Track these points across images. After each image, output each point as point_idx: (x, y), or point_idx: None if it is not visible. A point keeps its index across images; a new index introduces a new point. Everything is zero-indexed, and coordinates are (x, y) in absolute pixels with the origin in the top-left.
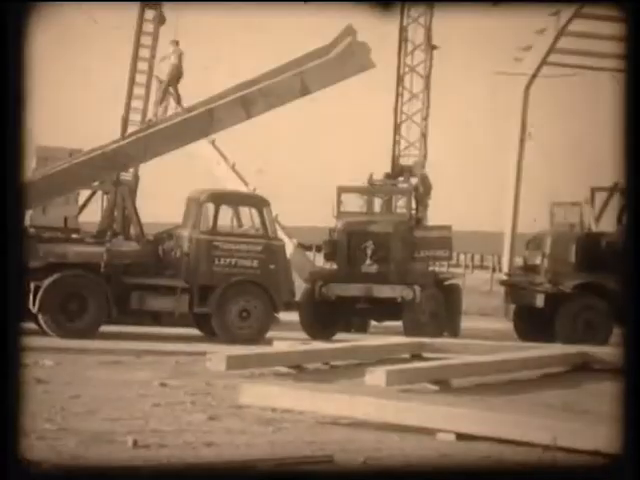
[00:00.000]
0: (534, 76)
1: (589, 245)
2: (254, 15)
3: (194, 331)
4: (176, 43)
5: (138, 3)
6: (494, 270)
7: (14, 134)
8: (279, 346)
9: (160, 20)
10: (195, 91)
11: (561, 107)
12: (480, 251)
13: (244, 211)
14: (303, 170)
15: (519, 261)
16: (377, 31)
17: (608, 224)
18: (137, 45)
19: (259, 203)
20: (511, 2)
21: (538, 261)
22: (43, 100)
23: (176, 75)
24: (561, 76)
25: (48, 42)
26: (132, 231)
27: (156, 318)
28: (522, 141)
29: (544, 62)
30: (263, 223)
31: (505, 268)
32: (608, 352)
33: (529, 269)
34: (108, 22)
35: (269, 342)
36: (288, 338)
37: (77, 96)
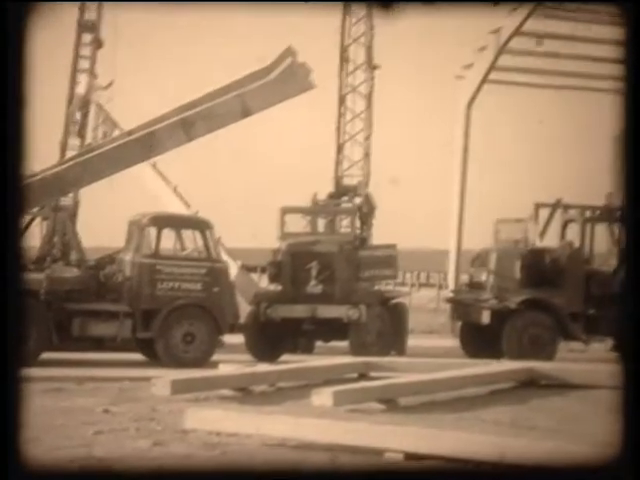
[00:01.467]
0: (476, 92)
1: (533, 261)
2: (248, 14)
3: (138, 356)
4: (93, 75)
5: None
6: (440, 288)
7: (14, 134)
8: (224, 369)
9: (97, 44)
10: None
11: (505, 123)
12: (426, 269)
13: (187, 234)
14: (246, 191)
15: (465, 278)
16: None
17: (552, 240)
18: (74, 69)
19: (202, 225)
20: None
21: (483, 278)
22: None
23: (80, 105)
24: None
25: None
26: (73, 256)
27: (99, 344)
28: (465, 157)
29: (485, 80)
30: (206, 245)
31: (451, 285)
32: (554, 367)
33: (475, 286)
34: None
35: (214, 365)
36: (233, 361)
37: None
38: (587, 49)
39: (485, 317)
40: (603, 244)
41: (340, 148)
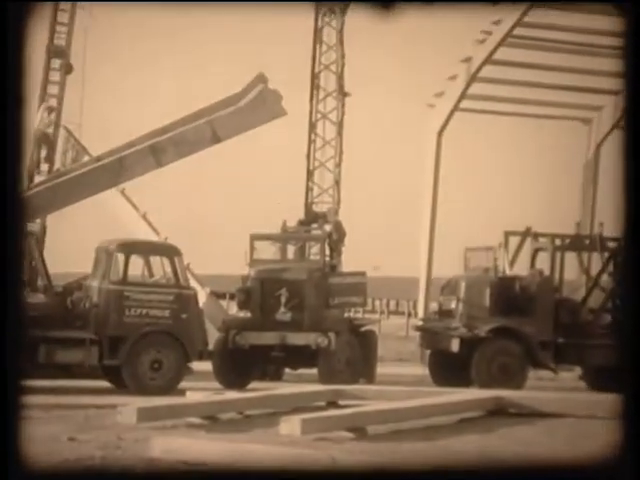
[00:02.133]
0: (447, 120)
1: (503, 289)
2: (249, 14)
3: (105, 384)
4: (49, 110)
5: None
6: (409, 315)
7: (14, 134)
8: (192, 397)
9: (67, 69)
10: None
11: (476, 151)
12: (395, 297)
13: (155, 260)
14: (216, 218)
15: (434, 306)
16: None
17: (522, 268)
18: (43, 94)
19: (170, 252)
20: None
21: (453, 306)
22: None
23: (40, 138)
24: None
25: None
26: (39, 282)
27: (65, 371)
28: (436, 184)
29: (456, 108)
30: (175, 272)
31: (420, 313)
32: (523, 396)
33: (444, 314)
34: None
35: (182, 393)
36: (201, 388)
37: None
38: (558, 78)
39: (454, 345)
40: (573, 272)
41: (310, 175)
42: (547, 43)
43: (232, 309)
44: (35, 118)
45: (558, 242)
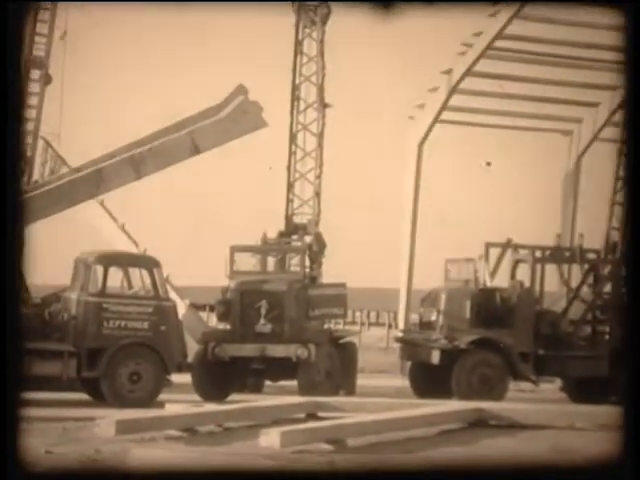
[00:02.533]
0: (427, 132)
1: (484, 301)
2: (248, 14)
3: (83, 396)
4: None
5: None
6: (390, 327)
7: (14, 134)
8: (171, 409)
9: (46, 80)
10: None
11: (457, 163)
12: (376, 308)
13: (134, 272)
14: (196, 229)
15: (415, 318)
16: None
17: (502, 279)
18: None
19: (149, 264)
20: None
21: (433, 317)
22: None
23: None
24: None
25: None
26: None
27: (44, 383)
28: (416, 196)
29: (437, 120)
30: (154, 284)
31: (401, 325)
32: (504, 407)
33: (425, 325)
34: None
35: (161, 405)
36: (180, 401)
37: None
38: (538, 90)
39: (435, 357)
40: (553, 284)
41: (290, 186)
42: (527, 55)
43: (212, 321)
44: None
45: (538, 254)
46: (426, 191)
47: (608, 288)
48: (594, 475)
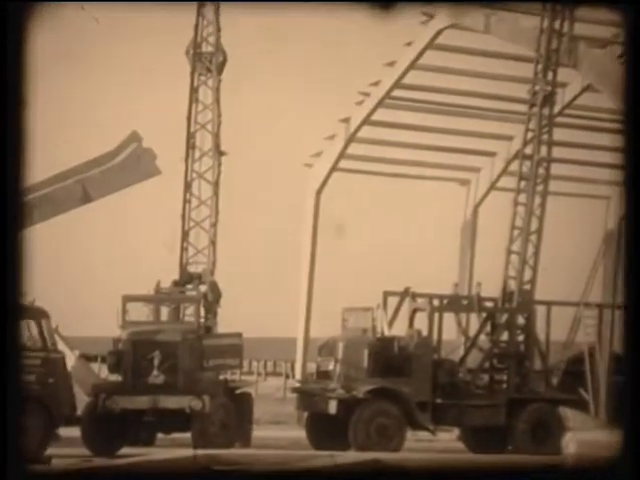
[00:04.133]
0: (325, 180)
1: (381, 350)
2: (249, 14)
3: None
4: None
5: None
6: (287, 377)
7: (14, 133)
8: (58, 465)
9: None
10: None
11: (355, 211)
12: (273, 357)
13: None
14: (86, 278)
15: (312, 367)
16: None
17: (400, 328)
18: None
19: (37, 315)
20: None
21: (331, 367)
22: None
23: None
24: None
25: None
26: None
27: None
28: (314, 245)
29: (334, 168)
30: (41, 335)
31: (298, 374)
32: (401, 458)
33: (322, 375)
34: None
35: (48, 460)
36: (69, 455)
37: None
38: (436, 139)
39: (332, 407)
40: (451, 333)
41: (185, 235)
42: (425, 105)
43: (103, 372)
44: None
45: (436, 302)
46: (324, 239)
47: (505, 336)
48: (594, 475)
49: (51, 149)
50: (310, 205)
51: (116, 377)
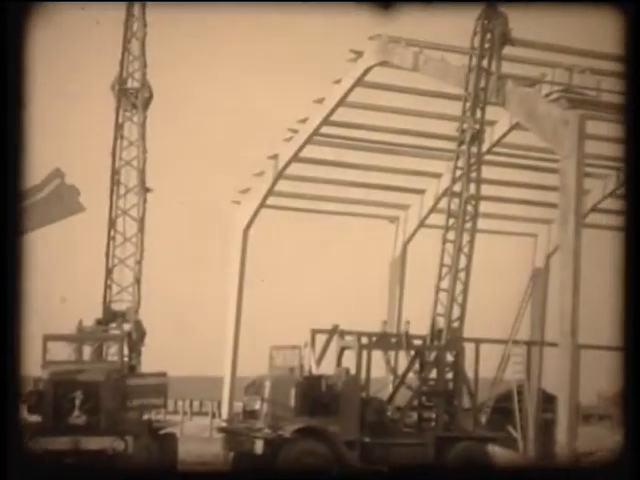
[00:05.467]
0: (253, 217)
1: (309, 389)
2: (249, 15)
3: None
4: None
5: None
6: (214, 416)
7: (13, 133)
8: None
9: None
10: None
11: (284, 248)
12: (199, 397)
13: None
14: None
15: (239, 406)
16: None
17: (329, 367)
18: None
19: None
20: None
21: (257, 406)
22: None
23: None
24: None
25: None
26: None
27: None
28: (241, 282)
29: (262, 204)
30: None
31: (224, 414)
32: None
33: (249, 414)
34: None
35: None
36: None
37: None
38: (365, 176)
39: (258, 447)
40: (379, 371)
41: (109, 273)
42: (353, 142)
43: (23, 413)
44: None
45: (365, 340)
46: (252, 276)
47: (434, 374)
48: (594, 475)
49: None
50: (238, 242)
51: (36, 418)
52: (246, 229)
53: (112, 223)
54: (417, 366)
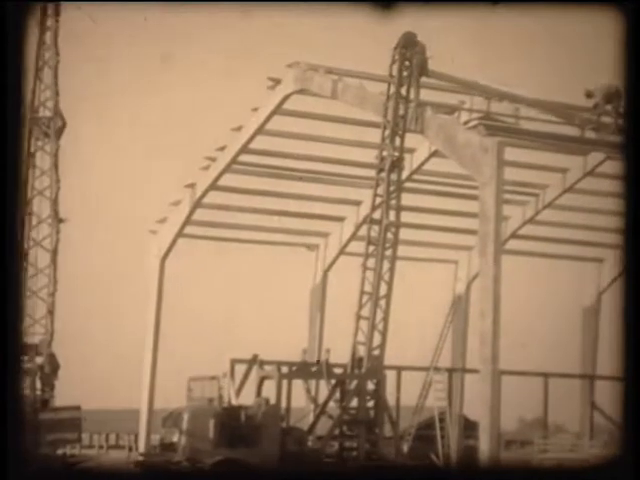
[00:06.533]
0: (170, 246)
1: (228, 419)
2: (253, 14)
3: None
4: None
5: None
6: (130, 449)
7: (13, 132)
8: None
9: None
10: None
11: (201, 277)
12: (116, 430)
13: None
14: None
15: (157, 439)
16: None
17: (249, 397)
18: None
19: None
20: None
21: (175, 438)
22: None
23: None
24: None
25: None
26: None
27: None
28: (158, 312)
29: (179, 234)
30: None
31: (142, 447)
32: None
33: (166, 447)
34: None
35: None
36: None
37: None
38: (284, 204)
39: None
40: (300, 400)
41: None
42: (272, 170)
43: None
44: None
45: (285, 369)
46: (169, 307)
47: (355, 403)
48: (594, 475)
49: None
50: (154, 271)
51: None
52: (163, 258)
53: (24, 254)
54: (338, 395)
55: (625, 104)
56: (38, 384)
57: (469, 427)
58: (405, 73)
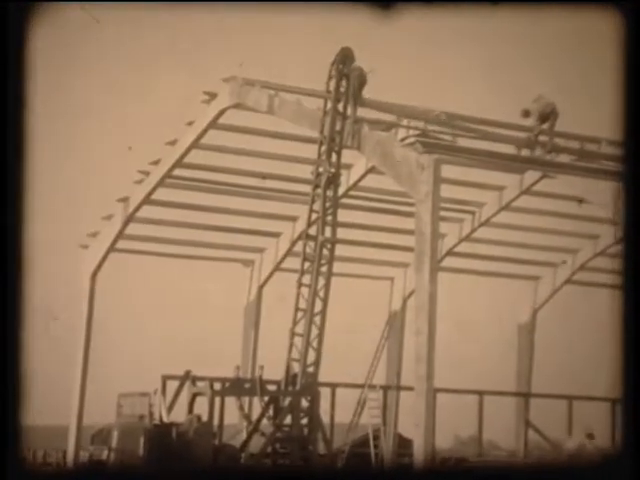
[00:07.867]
0: (102, 261)
1: (159, 437)
2: (254, 14)
3: None
4: None
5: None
6: (58, 467)
7: (14, 132)
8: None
9: None
10: None
11: (134, 292)
12: (43, 447)
13: None
14: None
15: (85, 456)
16: None
17: (181, 414)
18: None
19: None
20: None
21: (105, 456)
22: None
23: None
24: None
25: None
26: None
27: None
28: (89, 328)
29: (111, 249)
30: None
31: (70, 465)
32: None
33: (95, 465)
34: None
35: None
36: None
37: None
38: (219, 219)
39: None
40: (233, 417)
41: None
42: (207, 184)
43: None
44: None
45: (217, 386)
46: (100, 322)
47: (288, 420)
48: (594, 475)
49: None
50: (85, 287)
51: None
52: (94, 274)
53: None
54: (271, 412)
55: (625, 104)
56: None
57: (404, 444)
58: (342, 89)
